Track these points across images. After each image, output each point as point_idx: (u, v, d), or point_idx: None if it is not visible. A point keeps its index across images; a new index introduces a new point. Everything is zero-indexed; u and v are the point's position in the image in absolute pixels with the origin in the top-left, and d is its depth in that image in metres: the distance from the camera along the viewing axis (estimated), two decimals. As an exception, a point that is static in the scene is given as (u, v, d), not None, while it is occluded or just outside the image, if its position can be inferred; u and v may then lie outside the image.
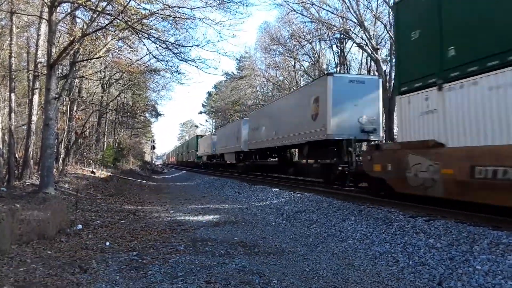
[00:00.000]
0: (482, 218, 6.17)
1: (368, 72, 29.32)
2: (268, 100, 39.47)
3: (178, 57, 12.64)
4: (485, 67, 6.28)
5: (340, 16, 26.47)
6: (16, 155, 15.54)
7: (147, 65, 22.14)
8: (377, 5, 26.37)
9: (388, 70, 27.33)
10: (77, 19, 15.46)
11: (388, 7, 25.05)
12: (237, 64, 57.04)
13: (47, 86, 11.35)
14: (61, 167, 16.85)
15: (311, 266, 5.20)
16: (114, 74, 25.55)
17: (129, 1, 10.47)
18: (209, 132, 55.57)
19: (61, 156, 17.93)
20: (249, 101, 48.92)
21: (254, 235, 7.34)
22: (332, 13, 27.36)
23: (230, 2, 11.56)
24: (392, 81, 24.52)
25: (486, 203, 6.26)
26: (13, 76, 15.08)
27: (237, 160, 27.11)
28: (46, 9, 12.16)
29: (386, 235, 6.26)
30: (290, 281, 4.52)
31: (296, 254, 5.88)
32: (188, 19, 11.74)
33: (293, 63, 37.37)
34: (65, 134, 19.01)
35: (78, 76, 18.09)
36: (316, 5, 27.19)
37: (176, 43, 12.35)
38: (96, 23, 11.95)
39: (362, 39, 25.59)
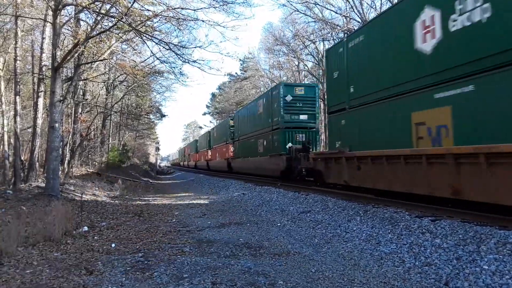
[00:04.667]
0: (489, 218, 6.12)
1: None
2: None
3: (181, 58, 12.67)
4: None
5: (343, 15, 26.44)
6: (22, 158, 15.65)
7: (150, 67, 22.23)
8: (381, 4, 26.27)
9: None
10: (81, 22, 15.54)
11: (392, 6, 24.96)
12: (241, 64, 57.15)
13: (52, 88, 11.41)
14: (66, 169, 16.94)
15: (317, 267, 5.19)
16: (118, 76, 25.69)
17: (133, 3, 10.51)
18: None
19: (67, 158, 18.02)
20: (253, 102, 48.94)
21: (259, 236, 7.33)
22: (336, 12, 27.34)
23: (233, 3, 11.58)
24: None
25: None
26: (18, 79, 15.19)
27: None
28: (50, 13, 12.24)
29: (392, 235, 6.23)
30: (296, 282, 4.51)
31: (302, 255, 5.86)
32: (192, 20, 11.78)
33: (296, 63, 37.35)
34: (70, 136, 19.12)
35: (82, 78, 18.20)
36: (319, 5, 27.17)
37: (179, 44, 12.38)
38: (100, 26, 12.00)
39: (366, 38, 25.49)
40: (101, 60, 14.33)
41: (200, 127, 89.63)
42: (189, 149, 58.62)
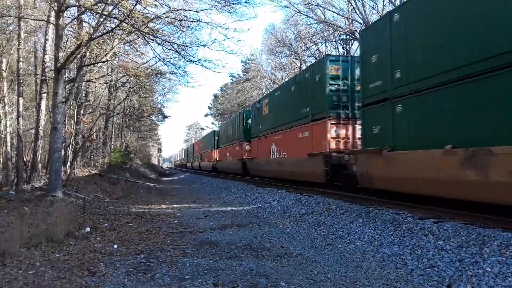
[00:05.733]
0: (492, 220, 6.10)
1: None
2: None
3: (184, 58, 12.69)
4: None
5: (346, 17, 26.46)
6: (25, 159, 15.68)
7: (153, 68, 22.26)
8: (383, 6, 26.28)
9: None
10: (84, 23, 15.59)
11: (394, 7, 24.99)
12: (243, 66, 57.22)
13: (54, 90, 11.44)
14: (68, 171, 16.98)
15: (319, 268, 5.18)
16: (121, 77, 25.70)
17: (135, 5, 10.54)
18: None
19: (69, 159, 18.06)
20: (255, 103, 48.96)
21: (261, 237, 7.33)
22: (338, 14, 27.35)
23: (235, 3, 11.59)
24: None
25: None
26: (21, 81, 15.23)
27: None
28: (53, 14, 12.28)
29: (394, 237, 6.22)
30: (298, 284, 4.50)
31: (304, 256, 5.85)
32: (194, 21, 11.78)
33: (298, 65, 37.33)
34: (72, 137, 19.15)
35: (85, 80, 18.24)
36: (321, 7, 27.18)
37: (182, 44, 12.39)
38: (102, 27, 12.04)
39: (368, 40, 25.53)
40: (103, 62, 14.36)
41: (202, 128, 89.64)
42: (200, 145, 44.13)
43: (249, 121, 21.48)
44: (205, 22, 11.65)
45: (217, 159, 31.95)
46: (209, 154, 35.89)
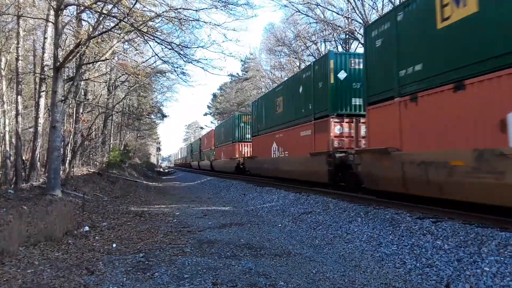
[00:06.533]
0: (490, 220, 6.11)
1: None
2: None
3: (183, 58, 12.67)
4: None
5: (345, 16, 26.45)
6: (23, 158, 15.66)
7: (152, 67, 22.24)
8: (383, 6, 26.31)
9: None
10: (83, 22, 15.53)
11: (393, 7, 24.99)
12: (242, 65, 57.21)
13: (53, 88, 11.42)
14: (67, 169, 16.94)
15: (318, 268, 5.19)
16: (120, 76, 25.68)
17: (135, 3, 10.51)
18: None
19: (68, 158, 18.02)
20: (255, 103, 48.86)
21: (260, 237, 7.33)
22: (337, 13, 27.37)
23: (234, 4, 11.57)
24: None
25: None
26: (20, 79, 15.20)
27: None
28: (52, 12, 12.25)
29: (393, 237, 6.23)
30: (297, 283, 4.51)
31: (303, 256, 5.86)
32: (193, 21, 11.77)
33: (298, 64, 37.35)
34: (71, 136, 19.11)
35: (84, 78, 18.20)
36: (321, 6, 27.19)
37: (181, 44, 12.37)
38: (102, 26, 12.01)
39: (368, 39, 25.52)
40: (102, 60, 14.35)
41: (202, 128, 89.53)
42: (212, 138, 33.26)
43: (341, 75, 11.82)
44: (205, 22, 11.63)
45: (248, 155, 21.95)
46: (229, 149, 25.34)
